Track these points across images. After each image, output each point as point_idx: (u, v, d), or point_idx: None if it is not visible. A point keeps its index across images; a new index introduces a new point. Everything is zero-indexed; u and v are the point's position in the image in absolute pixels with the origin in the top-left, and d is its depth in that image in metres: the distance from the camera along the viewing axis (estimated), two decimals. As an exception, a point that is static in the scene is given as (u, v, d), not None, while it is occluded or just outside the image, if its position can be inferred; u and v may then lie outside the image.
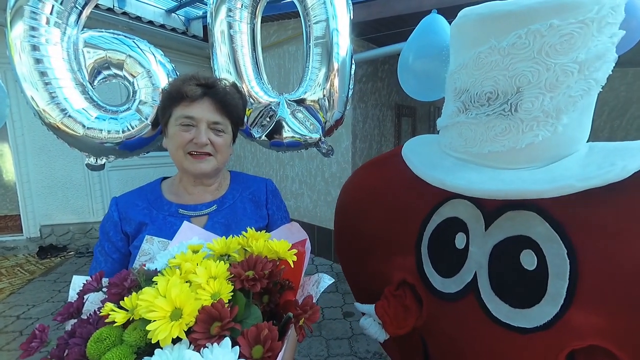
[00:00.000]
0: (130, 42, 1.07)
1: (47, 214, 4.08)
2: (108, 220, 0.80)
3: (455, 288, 0.68)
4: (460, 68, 0.61)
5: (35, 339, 0.40)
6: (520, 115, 0.54)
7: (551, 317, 0.54)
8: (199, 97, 0.74)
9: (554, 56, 0.51)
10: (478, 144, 0.60)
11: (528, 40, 0.51)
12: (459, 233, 0.69)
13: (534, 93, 0.53)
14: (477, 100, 0.59)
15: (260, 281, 0.42)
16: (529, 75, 0.52)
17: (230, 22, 1.08)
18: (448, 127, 0.68)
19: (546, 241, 0.56)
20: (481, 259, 0.64)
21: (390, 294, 0.84)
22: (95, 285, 0.50)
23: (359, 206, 0.98)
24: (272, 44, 3.98)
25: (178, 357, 0.33)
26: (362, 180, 1.01)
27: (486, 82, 0.56)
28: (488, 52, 0.55)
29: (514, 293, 0.59)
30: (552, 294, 0.54)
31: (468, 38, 0.59)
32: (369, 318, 0.87)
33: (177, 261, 0.46)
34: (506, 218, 0.61)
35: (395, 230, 0.86)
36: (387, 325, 0.82)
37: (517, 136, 0.55)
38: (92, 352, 0.35)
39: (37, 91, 0.95)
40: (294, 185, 4.21)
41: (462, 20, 0.60)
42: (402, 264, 0.83)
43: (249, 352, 0.35)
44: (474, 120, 0.59)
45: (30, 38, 0.92)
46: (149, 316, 0.35)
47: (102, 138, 1.01)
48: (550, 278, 0.54)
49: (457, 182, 0.60)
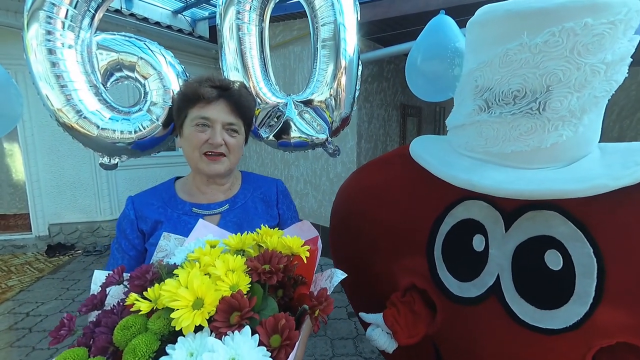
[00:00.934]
0: (141, 44, 1.10)
1: (55, 213, 4.15)
2: (125, 218, 0.82)
3: (475, 292, 0.67)
4: (484, 65, 0.59)
5: (63, 327, 0.43)
6: (547, 114, 0.54)
7: (580, 316, 0.54)
8: (214, 98, 0.76)
9: (585, 55, 0.51)
10: (500, 144, 0.59)
11: (561, 38, 0.50)
12: (476, 235, 0.68)
13: (563, 92, 0.53)
14: (502, 98, 0.58)
15: (276, 274, 0.43)
16: (560, 73, 0.52)
17: (239, 24, 1.10)
18: (465, 127, 0.66)
19: (570, 240, 0.55)
20: (503, 261, 0.63)
21: (399, 300, 0.81)
22: (117, 279, 0.52)
23: (360, 207, 0.95)
24: (278, 44, 4.01)
25: (200, 344, 0.35)
26: (363, 181, 0.98)
27: (514, 79, 0.56)
28: (518, 49, 0.54)
29: (540, 294, 0.59)
30: (580, 294, 0.54)
31: (493, 35, 0.58)
32: (377, 328, 0.82)
33: (196, 255, 0.48)
34: (527, 218, 0.61)
35: (401, 232, 0.83)
36: (399, 334, 0.77)
37: (542, 135, 0.55)
38: (119, 339, 0.37)
39: (53, 92, 0.98)
40: (299, 185, 4.23)
41: (485, 16, 0.59)
42: (410, 267, 0.80)
43: (267, 341, 0.36)
44: (497, 119, 0.59)
45: (47, 42, 0.95)
46: (172, 305, 0.37)
47: (115, 138, 1.03)
48: (578, 277, 0.54)
49: (484, 182, 0.58)
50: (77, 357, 0.37)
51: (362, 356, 2.26)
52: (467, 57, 0.66)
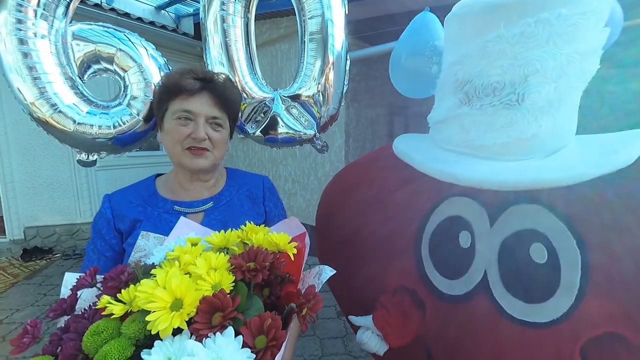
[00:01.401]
0: (121, 35, 1.05)
1: (31, 215, 3.97)
2: (101, 217, 0.78)
3: (464, 289, 0.67)
4: (463, 58, 0.60)
5: (27, 335, 0.39)
6: (526, 105, 0.54)
7: (567, 308, 0.54)
8: (197, 90, 0.73)
9: (560, 46, 0.51)
10: (482, 136, 0.59)
11: (537, 28, 0.51)
12: (462, 232, 0.68)
13: (541, 82, 0.53)
14: (482, 90, 0.58)
15: (262, 272, 0.41)
16: (537, 64, 0.52)
17: (223, 15, 1.06)
18: (447, 121, 0.66)
19: (554, 233, 0.56)
20: (490, 257, 0.63)
21: (388, 302, 0.80)
22: (90, 281, 0.48)
23: (345, 209, 0.94)
24: (265, 42, 3.96)
25: (179, 348, 0.32)
26: (348, 183, 0.97)
27: (493, 71, 0.56)
28: (496, 40, 0.54)
29: (527, 288, 0.59)
30: (565, 286, 0.54)
31: (472, 27, 0.58)
32: (367, 331, 0.82)
33: (176, 254, 0.45)
34: (511, 213, 0.61)
35: (388, 232, 0.82)
36: (390, 336, 0.77)
37: (522, 126, 0.55)
38: (88, 345, 0.34)
39: (25, 85, 0.92)
40: (287, 184, 4.19)
41: (464, 9, 0.59)
42: (399, 268, 0.79)
43: (252, 342, 0.34)
44: (478, 112, 0.59)
45: (17, 31, 0.89)
46: (148, 307, 0.34)
47: (93, 133, 0.98)
48: (563, 269, 0.54)
49: (469, 175, 0.58)
50: (40, 367, 0.33)
51: (351, 355, 2.25)
52: (447, 52, 0.66)
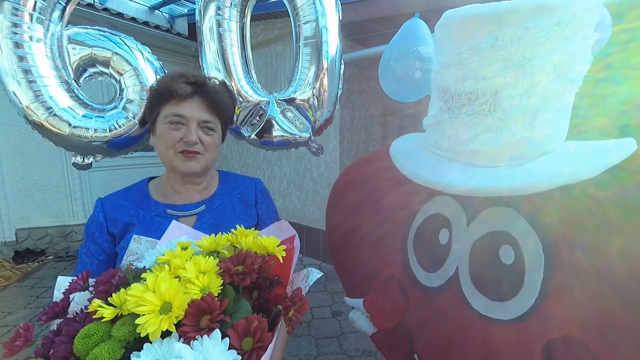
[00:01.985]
0: (117, 39, 1.06)
1: (23, 217, 3.92)
2: (93, 221, 0.78)
3: (438, 282, 0.71)
4: (443, 68, 0.63)
5: (19, 338, 0.40)
6: (498, 114, 0.56)
7: (527, 308, 0.56)
8: (188, 95, 0.73)
9: (529, 58, 0.53)
10: (461, 143, 0.62)
11: (505, 42, 0.53)
12: (442, 229, 0.72)
13: (511, 93, 0.55)
14: (458, 100, 0.60)
15: (250, 275, 0.42)
16: (506, 76, 0.54)
17: (219, 20, 1.08)
18: (433, 126, 0.69)
19: (523, 236, 0.58)
20: (462, 254, 0.66)
21: (379, 288, 0.86)
22: (82, 285, 0.49)
23: (348, 202, 1.01)
24: (259, 43, 3.97)
25: (167, 350, 0.33)
26: (351, 178, 1.04)
27: (467, 82, 0.58)
28: (468, 53, 0.57)
29: (492, 286, 0.62)
30: (527, 287, 0.56)
31: (451, 39, 0.61)
32: (358, 312, 0.90)
33: (166, 258, 0.46)
34: (487, 214, 0.64)
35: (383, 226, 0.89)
36: (375, 318, 0.84)
37: (496, 135, 0.57)
38: (79, 348, 0.35)
39: (20, 89, 0.92)
40: (282, 185, 4.20)
41: (445, 21, 0.62)
42: (389, 258, 0.85)
43: (239, 344, 0.35)
44: (456, 120, 0.61)
45: (13, 35, 0.90)
46: (138, 310, 0.35)
47: (89, 137, 0.99)
48: (527, 272, 0.57)
49: (438, 179, 0.62)
50: (32, 370, 0.34)
51: (346, 354, 2.26)
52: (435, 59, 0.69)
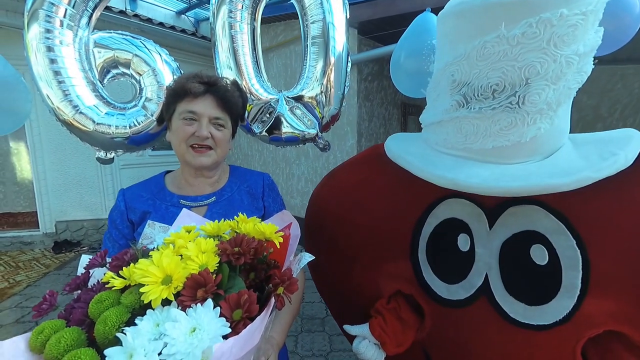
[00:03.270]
0: (137, 42, 1.14)
1: (62, 210, 4.24)
2: (115, 209, 0.86)
3: (464, 294, 0.65)
4: (461, 59, 0.57)
5: (45, 302, 0.46)
6: (526, 107, 0.53)
7: (569, 309, 0.54)
8: (201, 93, 0.79)
9: (560, 47, 0.50)
10: (480, 140, 0.58)
11: (539, 29, 0.49)
12: (460, 234, 0.66)
13: (541, 85, 0.52)
14: (481, 93, 0.56)
15: (244, 256, 0.46)
16: (538, 66, 0.51)
17: (231, 22, 1.13)
18: (443, 123, 0.64)
19: (554, 234, 0.55)
20: (490, 260, 0.62)
21: (384, 308, 0.77)
22: (100, 261, 0.55)
23: (335, 212, 0.89)
24: (279, 43, 4.04)
25: (166, 316, 0.38)
26: (341, 183, 0.92)
27: (492, 73, 0.54)
28: (495, 41, 0.52)
29: (529, 291, 0.58)
30: (567, 286, 0.54)
31: (470, 27, 0.56)
32: (364, 340, 0.78)
33: (172, 239, 0.51)
34: (509, 214, 0.60)
35: (382, 236, 0.79)
36: (387, 345, 0.74)
37: (522, 129, 0.54)
38: (93, 311, 0.40)
39: (51, 89, 1.02)
40: (300, 183, 4.26)
41: (461, 7, 0.56)
42: (394, 272, 0.77)
43: (230, 314, 0.39)
44: (477, 115, 0.57)
45: (45, 40, 0.99)
46: (143, 281, 0.40)
47: (111, 133, 1.07)
48: (564, 270, 0.54)
49: (471, 181, 0.56)
50: (54, 327, 0.40)
51: (359, 352, 2.28)
52: (441, 51, 0.65)
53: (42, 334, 0.39)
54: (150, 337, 0.35)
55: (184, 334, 0.35)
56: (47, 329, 0.40)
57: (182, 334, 0.35)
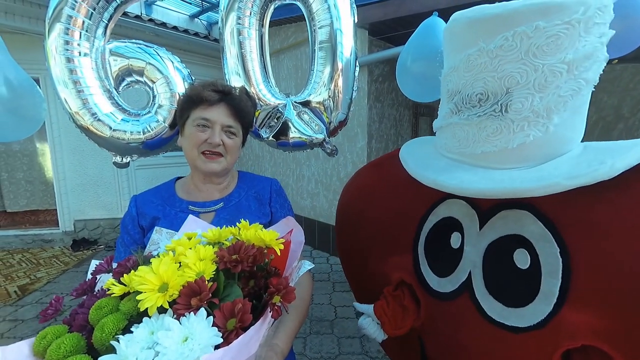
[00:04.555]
0: (150, 50, 1.17)
1: (80, 210, 4.39)
2: (127, 215, 0.89)
3: (450, 287, 0.69)
4: (452, 70, 0.62)
5: (51, 307, 0.48)
6: (510, 115, 0.55)
7: (544, 315, 0.54)
8: (216, 102, 0.82)
9: (541, 57, 0.51)
10: (471, 145, 0.61)
11: (515, 42, 0.52)
12: (454, 232, 0.70)
13: (523, 93, 0.53)
14: (468, 101, 0.59)
15: (242, 263, 0.46)
16: (517, 76, 0.53)
17: (239, 28, 1.15)
18: (443, 129, 0.69)
19: (539, 240, 0.56)
20: (475, 258, 0.64)
21: (389, 294, 0.84)
22: (106, 267, 0.57)
23: (358, 206, 1.00)
24: (290, 45, 4.06)
25: (161, 324, 0.39)
26: (362, 181, 1.03)
27: (476, 83, 0.57)
28: (477, 54, 0.56)
29: (507, 292, 0.59)
30: (545, 293, 0.54)
31: (459, 41, 0.60)
32: (368, 318, 0.88)
33: (173, 246, 0.52)
34: (500, 217, 0.62)
35: (392, 230, 0.87)
36: (386, 325, 0.82)
37: (508, 136, 0.56)
38: (93, 318, 0.42)
39: (71, 96, 1.06)
40: (310, 184, 4.27)
41: (453, 23, 0.61)
42: (399, 263, 0.83)
43: (223, 324, 0.39)
44: (466, 121, 0.60)
45: (65, 51, 1.04)
46: (140, 288, 0.41)
47: (126, 139, 1.10)
48: (544, 277, 0.54)
49: (448, 182, 0.61)
50: (56, 333, 0.41)
51: (368, 355, 2.26)
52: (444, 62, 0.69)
53: (45, 339, 0.41)
54: (144, 346, 0.36)
55: (176, 343, 0.35)
56: (49, 334, 0.41)
57: (174, 343, 0.35)
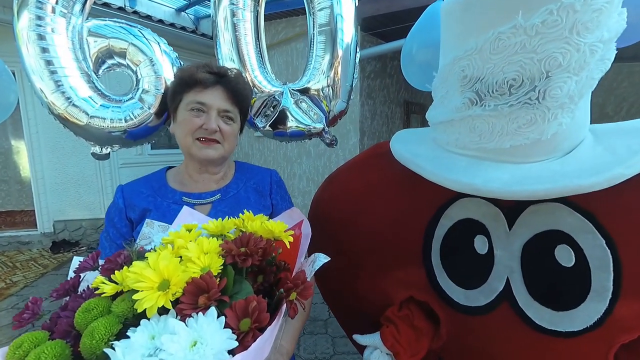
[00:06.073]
0: (134, 30, 1.07)
1: (60, 210, 4.19)
2: (113, 207, 0.80)
3: (484, 300, 0.61)
4: (472, 53, 0.53)
5: (27, 311, 0.40)
6: (547, 102, 0.49)
7: (601, 314, 0.50)
8: (211, 84, 0.75)
9: (583, 35, 0.45)
10: (497, 139, 0.53)
11: (560, 16, 0.45)
12: (477, 236, 0.62)
13: (563, 77, 0.47)
14: (496, 89, 0.52)
15: (252, 257, 0.41)
16: (559, 57, 0.46)
17: (233, 9, 1.07)
18: (454, 122, 0.60)
19: (580, 232, 0.51)
20: (511, 263, 0.58)
21: (396, 316, 0.73)
22: (92, 264, 0.50)
23: (341, 218, 0.85)
24: (280, 41, 3.99)
25: (163, 327, 0.32)
26: (342, 187, 0.87)
27: (508, 67, 0.50)
28: (511, 32, 0.48)
29: (555, 295, 0.54)
30: (597, 289, 0.50)
31: (481, 18, 0.52)
32: (376, 351, 0.74)
33: (171, 239, 0.46)
34: (530, 213, 0.56)
35: (390, 242, 0.76)
36: (401, 355, 0.70)
37: (542, 126, 0.50)
38: (79, 322, 0.35)
39: (43, 81, 0.96)
40: (301, 182, 4.21)
41: None
42: (404, 279, 0.73)
43: (236, 324, 0.34)
44: (492, 113, 0.53)
45: (36, 27, 0.94)
46: (136, 286, 0.34)
47: (106, 127, 1.01)
48: (593, 272, 0.50)
49: (491, 186, 0.52)
50: (34, 341, 0.34)
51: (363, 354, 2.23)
52: (447, 45, 0.61)
53: (21, 349, 0.34)
54: (144, 353, 0.30)
55: (184, 349, 0.29)
56: (26, 342, 0.34)
57: (182, 349, 0.29)
